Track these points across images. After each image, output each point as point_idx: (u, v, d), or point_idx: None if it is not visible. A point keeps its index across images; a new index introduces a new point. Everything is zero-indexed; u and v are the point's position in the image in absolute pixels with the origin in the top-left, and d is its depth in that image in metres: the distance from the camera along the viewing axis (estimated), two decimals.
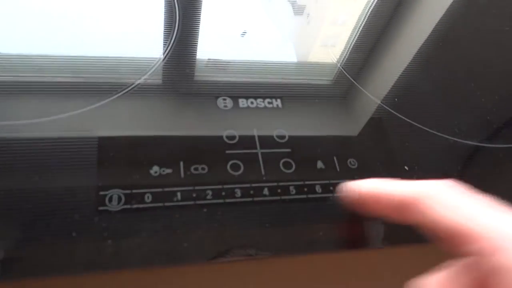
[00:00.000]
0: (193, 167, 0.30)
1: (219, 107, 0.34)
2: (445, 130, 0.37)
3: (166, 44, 0.39)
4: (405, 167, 0.34)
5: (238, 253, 0.28)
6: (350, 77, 0.40)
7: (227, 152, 0.32)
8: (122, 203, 0.28)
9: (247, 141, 0.32)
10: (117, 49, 0.38)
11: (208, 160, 0.31)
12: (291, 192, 0.30)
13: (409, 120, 0.37)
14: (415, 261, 0.31)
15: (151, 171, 0.29)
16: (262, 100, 0.36)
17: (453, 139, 0.37)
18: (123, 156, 0.30)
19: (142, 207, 0.28)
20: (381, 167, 0.33)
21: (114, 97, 0.33)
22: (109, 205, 0.27)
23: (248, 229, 0.29)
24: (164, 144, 0.31)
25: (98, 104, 0.32)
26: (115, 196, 0.28)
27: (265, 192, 0.30)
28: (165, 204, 0.28)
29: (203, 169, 0.30)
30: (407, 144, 0.35)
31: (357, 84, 0.40)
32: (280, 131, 0.34)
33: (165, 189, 0.29)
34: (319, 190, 0.31)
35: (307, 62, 0.44)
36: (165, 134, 0.32)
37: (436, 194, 0.23)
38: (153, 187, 0.29)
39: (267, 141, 0.33)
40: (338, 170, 0.32)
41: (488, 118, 0.40)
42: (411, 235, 0.31)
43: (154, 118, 0.33)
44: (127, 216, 0.27)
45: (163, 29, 0.40)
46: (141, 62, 0.37)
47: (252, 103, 0.35)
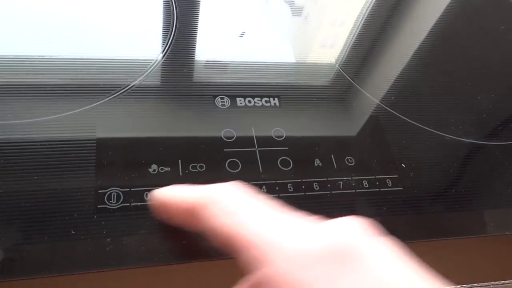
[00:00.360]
0: (191, 166, 0.30)
1: (217, 106, 0.35)
2: (442, 128, 0.37)
3: (163, 45, 0.39)
4: (402, 165, 0.34)
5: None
6: (348, 77, 0.40)
7: (225, 150, 0.32)
8: (120, 201, 0.28)
9: (245, 139, 0.33)
10: (114, 51, 0.38)
11: (206, 158, 0.31)
12: (289, 189, 0.31)
13: (406, 118, 0.37)
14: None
15: (149, 170, 0.30)
16: (259, 99, 0.36)
17: (450, 136, 0.37)
18: (122, 155, 0.30)
19: (140, 205, 0.28)
20: (378, 164, 0.33)
21: (112, 97, 0.33)
22: (108, 203, 0.28)
23: None
24: (162, 142, 0.31)
25: (95, 104, 0.33)
26: (113, 194, 0.28)
27: (263, 189, 0.30)
28: None
29: (201, 168, 0.31)
30: (404, 142, 0.36)
31: (355, 83, 0.40)
32: (277, 130, 0.34)
33: (163, 187, 0.29)
34: (316, 187, 0.31)
35: (305, 62, 0.44)
36: (163, 133, 0.32)
37: (218, 199, 0.22)
38: (152, 185, 0.29)
39: (265, 139, 0.33)
40: (335, 167, 0.32)
41: (484, 116, 0.40)
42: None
43: (152, 117, 0.33)
44: (125, 214, 0.27)
45: (160, 30, 0.41)
46: (138, 63, 0.37)
47: (249, 102, 0.35)
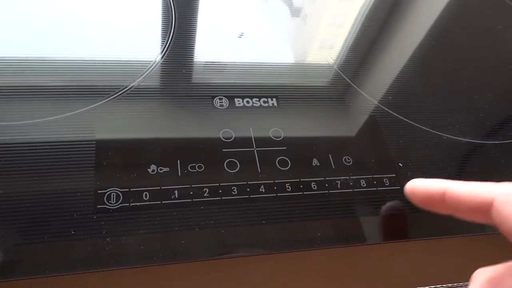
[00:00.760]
0: (190, 166, 0.31)
1: (215, 106, 0.35)
2: (439, 127, 0.37)
3: (162, 46, 0.39)
4: (400, 164, 0.34)
5: (235, 250, 0.28)
6: (345, 77, 0.41)
7: (224, 150, 0.32)
8: (120, 201, 0.28)
9: (243, 139, 0.33)
10: (113, 52, 0.38)
11: (205, 158, 0.31)
12: (287, 189, 0.31)
13: (403, 117, 0.38)
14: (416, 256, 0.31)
15: (148, 170, 0.30)
16: (257, 99, 0.36)
17: (447, 136, 0.37)
18: (121, 155, 0.30)
19: (140, 205, 0.28)
20: (376, 164, 0.34)
21: (112, 98, 0.34)
22: (107, 203, 0.28)
23: (244, 226, 0.29)
24: (161, 143, 0.32)
25: (95, 105, 0.33)
26: (113, 194, 0.28)
27: (261, 189, 0.31)
28: (163, 201, 0.29)
29: (200, 168, 0.31)
30: (401, 141, 0.36)
31: (353, 83, 0.40)
32: (275, 130, 0.34)
33: (162, 187, 0.29)
34: (314, 187, 0.31)
35: (304, 63, 0.44)
36: (162, 133, 0.32)
37: None
38: (151, 185, 0.29)
39: (263, 139, 0.33)
40: (333, 167, 0.33)
41: (481, 115, 0.40)
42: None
43: (151, 118, 0.33)
44: (125, 214, 0.28)
45: (159, 31, 0.41)
46: (137, 64, 0.37)
47: (248, 102, 0.36)
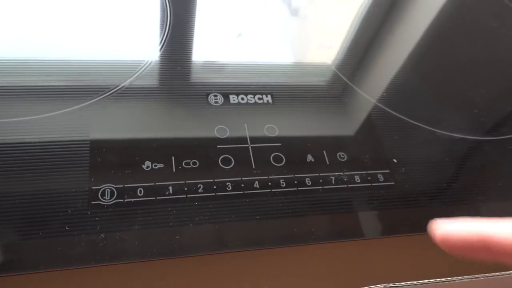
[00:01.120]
0: (184, 162, 0.31)
1: (210, 103, 0.35)
2: (433, 123, 0.38)
3: (157, 44, 0.39)
4: (394, 160, 0.34)
5: (230, 245, 0.28)
6: (339, 73, 0.41)
7: (218, 146, 0.32)
8: (114, 197, 0.28)
9: (237, 136, 0.33)
10: (108, 51, 0.38)
11: (199, 154, 0.31)
12: (281, 185, 0.31)
13: (397, 114, 0.38)
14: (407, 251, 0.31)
15: (143, 166, 0.30)
16: (252, 96, 0.36)
17: (441, 132, 0.37)
18: (115, 152, 0.30)
19: (134, 201, 0.28)
20: (370, 160, 0.34)
21: (107, 95, 0.34)
22: (101, 199, 0.28)
23: (239, 221, 0.29)
24: (156, 140, 0.32)
25: (90, 102, 0.33)
26: (107, 190, 0.28)
27: (256, 185, 0.31)
28: (157, 198, 0.29)
29: (194, 164, 0.31)
30: (396, 137, 0.36)
31: (347, 80, 0.40)
32: (270, 126, 0.34)
33: (157, 183, 0.29)
34: (308, 183, 0.31)
35: (301, 62, 0.44)
36: (157, 130, 0.33)
37: None
38: (145, 181, 0.29)
39: (257, 136, 0.33)
40: (327, 163, 0.33)
41: (475, 111, 0.40)
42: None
43: (146, 115, 0.33)
44: (119, 209, 0.28)
45: (155, 30, 0.41)
46: (133, 62, 0.37)
47: (242, 99, 0.36)
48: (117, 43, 0.39)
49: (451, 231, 0.21)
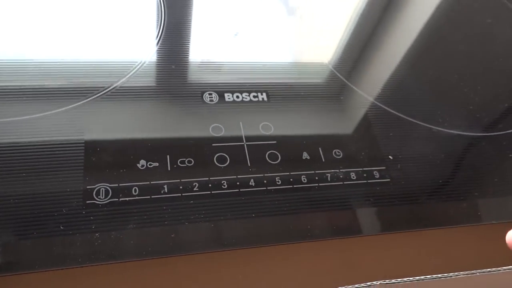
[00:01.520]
0: (179, 160, 0.31)
1: (205, 101, 0.35)
2: (429, 120, 0.38)
3: (152, 43, 0.39)
4: (390, 157, 0.34)
5: (225, 243, 0.28)
6: (335, 70, 0.41)
7: (213, 145, 0.32)
8: (109, 196, 0.28)
9: (233, 134, 0.33)
10: (102, 51, 0.38)
11: (194, 153, 0.31)
12: (277, 182, 0.31)
13: (393, 111, 0.38)
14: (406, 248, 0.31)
15: (138, 165, 0.30)
16: (247, 94, 0.36)
17: (437, 128, 0.37)
18: (110, 151, 0.30)
19: (129, 200, 0.28)
20: (366, 157, 0.34)
21: (102, 94, 0.34)
22: (96, 198, 0.28)
23: (234, 219, 0.29)
24: (150, 138, 0.32)
25: (85, 101, 0.33)
26: (102, 189, 0.28)
27: (251, 183, 0.31)
28: (152, 196, 0.29)
29: (189, 162, 0.31)
30: (391, 134, 0.36)
31: (342, 77, 0.40)
32: (265, 124, 0.34)
33: (152, 182, 0.29)
34: (304, 180, 0.31)
35: (297, 61, 0.44)
36: (152, 128, 0.32)
37: None
38: (140, 180, 0.29)
39: (253, 134, 0.33)
40: (323, 160, 0.33)
41: (471, 108, 0.40)
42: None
43: (141, 113, 0.33)
44: (114, 209, 0.28)
45: (149, 29, 0.41)
46: (128, 61, 0.37)
47: (237, 97, 0.36)
48: (111, 43, 0.39)
49: None
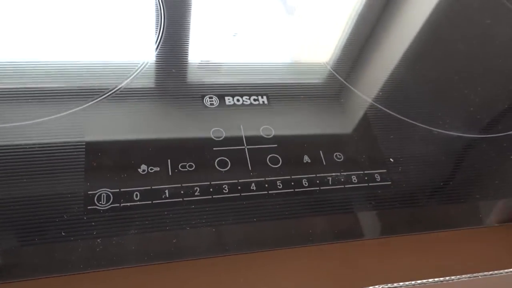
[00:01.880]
0: (180, 165, 0.31)
1: (205, 105, 0.35)
2: (429, 122, 0.38)
3: (152, 47, 0.39)
4: (390, 159, 0.34)
5: (227, 248, 0.28)
6: (335, 73, 0.41)
7: (214, 149, 0.32)
8: (110, 201, 0.28)
9: (234, 138, 0.33)
10: (102, 54, 0.38)
11: (195, 157, 0.31)
12: (278, 186, 0.31)
13: (393, 113, 0.38)
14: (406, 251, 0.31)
15: (139, 170, 0.30)
16: (248, 97, 0.36)
17: (437, 130, 0.37)
18: (111, 156, 0.30)
19: (130, 205, 0.28)
20: (367, 160, 0.34)
21: (102, 99, 0.33)
22: (97, 204, 0.28)
23: (236, 224, 0.29)
24: (151, 143, 0.32)
25: (84, 106, 0.33)
26: (103, 195, 0.28)
27: (253, 187, 0.31)
28: (154, 201, 0.29)
29: (190, 167, 0.31)
30: (392, 136, 0.36)
31: (343, 80, 0.40)
32: (266, 128, 0.34)
33: (153, 187, 0.29)
34: (305, 184, 0.31)
35: (296, 62, 0.44)
36: (153, 133, 0.32)
37: None
38: (142, 185, 0.29)
39: (253, 137, 0.33)
40: (324, 164, 0.33)
41: (471, 109, 0.40)
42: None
43: (141, 118, 0.33)
44: (116, 214, 0.28)
45: (149, 32, 0.41)
46: (127, 65, 0.37)
47: (238, 100, 0.36)
48: (111, 45, 0.39)
49: None
